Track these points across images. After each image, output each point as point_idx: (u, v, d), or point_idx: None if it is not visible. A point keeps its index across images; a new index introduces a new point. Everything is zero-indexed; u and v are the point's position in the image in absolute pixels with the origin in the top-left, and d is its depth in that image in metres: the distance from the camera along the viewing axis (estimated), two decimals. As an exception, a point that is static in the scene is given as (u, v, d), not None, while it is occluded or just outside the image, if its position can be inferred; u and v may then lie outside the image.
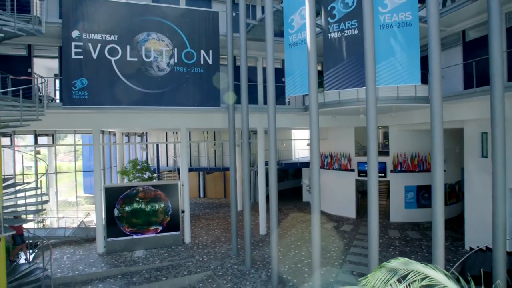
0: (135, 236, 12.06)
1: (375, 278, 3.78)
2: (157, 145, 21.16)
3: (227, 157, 20.25)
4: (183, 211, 12.73)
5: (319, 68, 13.98)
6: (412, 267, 3.69)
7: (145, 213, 12.16)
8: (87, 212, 15.71)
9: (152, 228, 12.22)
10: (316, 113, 8.16)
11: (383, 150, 15.80)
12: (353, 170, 15.86)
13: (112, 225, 11.84)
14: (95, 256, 11.51)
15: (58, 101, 12.12)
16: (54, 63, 12.00)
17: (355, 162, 15.79)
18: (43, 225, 15.03)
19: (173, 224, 12.45)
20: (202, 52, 11.74)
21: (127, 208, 12.01)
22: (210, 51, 11.82)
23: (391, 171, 14.93)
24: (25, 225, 10.10)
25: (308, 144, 17.80)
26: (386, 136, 15.53)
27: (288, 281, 9.23)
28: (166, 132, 22.43)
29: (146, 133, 22.82)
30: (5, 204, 8.50)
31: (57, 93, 12.47)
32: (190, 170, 21.04)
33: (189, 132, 21.82)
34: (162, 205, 12.35)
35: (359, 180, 15.94)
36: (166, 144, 22.47)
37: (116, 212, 11.90)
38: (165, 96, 11.33)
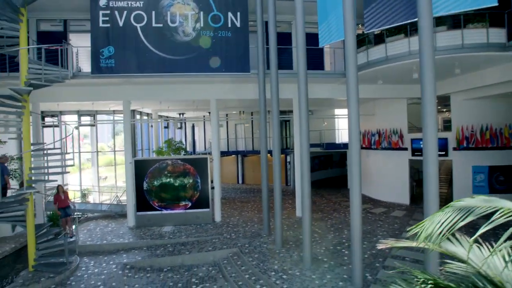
0: (164, 211, 11.66)
1: (433, 222, 2.42)
2: (193, 128, 20.95)
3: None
4: (213, 187, 12.03)
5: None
6: (498, 204, 2.25)
7: (174, 188, 11.69)
8: (124, 189, 15.90)
9: (181, 204, 11.72)
10: (354, 59, 6.66)
11: (444, 124, 13.42)
12: (405, 149, 13.73)
13: (142, 199, 11.58)
14: (125, 229, 11.35)
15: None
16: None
17: (408, 139, 13.65)
18: (86, 200, 15.60)
19: (203, 200, 11.80)
20: (230, 14, 10.82)
21: (155, 182, 11.66)
22: (238, 13, 10.85)
23: (454, 149, 12.53)
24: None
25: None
26: (447, 106, 13.07)
27: (324, 263, 7.89)
28: (204, 116, 22.18)
29: (185, 119, 22.85)
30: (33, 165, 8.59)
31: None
32: (228, 153, 20.53)
33: (226, 115, 21.32)
34: (191, 181, 11.77)
35: (414, 160, 13.75)
36: (204, 127, 22.19)
37: (145, 185, 11.62)
38: (192, 62, 10.65)
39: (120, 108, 13.39)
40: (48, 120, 15.38)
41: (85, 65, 11.38)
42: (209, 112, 18.24)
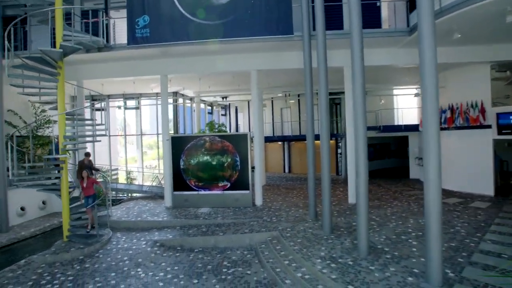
0: (201, 192, 10.90)
1: None
2: (237, 113, 20.15)
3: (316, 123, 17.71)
4: (253, 168, 10.94)
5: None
6: None
7: (211, 167, 10.86)
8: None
9: (219, 185, 10.84)
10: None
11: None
12: (489, 127, 11.09)
13: (179, 178, 10.97)
14: (161, 208, 10.85)
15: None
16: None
17: (493, 114, 10.99)
18: (131, 182, 15.74)
19: (242, 182, 10.77)
20: (270, -31, 9.57)
21: (192, 161, 10.95)
22: (279, -33, 9.54)
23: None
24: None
25: (416, 93, 13.63)
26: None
27: (385, 252, 6.24)
28: (248, 101, 21.27)
29: (229, 104, 22.21)
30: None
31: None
32: (272, 139, 19.34)
33: (271, 101, 20.13)
34: (229, 159, 10.82)
35: (500, 140, 11.06)
36: (248, 113, 21.27)
37: (181, 164, 10.99)
38: (229, 27, 9.61)
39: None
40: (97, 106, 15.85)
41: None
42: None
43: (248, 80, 11.30)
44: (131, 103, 16.55)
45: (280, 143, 20.90)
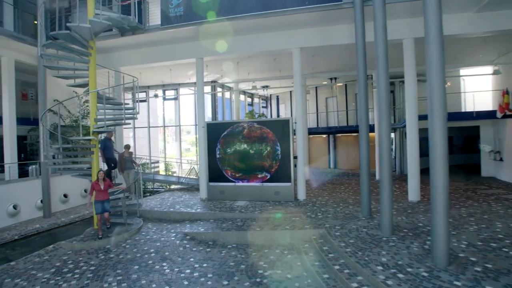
0: (238, 183, 10.01)
1: None
2: (278, 103, 19.01)
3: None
4: (295, 157, 9.76)
5: None
6: None
7: (249, 156, 9.91)
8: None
9: (258, 176, 9.84)
10: None
11: None
12: None
13: (215, 169, 10.20)
14: (196, 200, 10.18)
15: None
16: None
17: None
18: (170, 173, 15.51)
19: (283, 173, 9.65)
20: None
21: (228, 150, 10.10)
22: None
23: None
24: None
25: (496, 71, 11.28)
26: None
27: (472, 263, 4.69)
28: (290, 92, 20.03)
29: (270, 95, 21.16)
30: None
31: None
32: (317, 131, 17.89)
33: (315, 89, 18.67)
34: (269, 148, 9.76)
35: None
36: (291, 104, 20.00)
37: (217, 153, 10.20)
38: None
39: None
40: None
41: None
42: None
43: (290, 64, 10.13)
44: (170, 93, 16.32)
45: (324, 136, 19.33)
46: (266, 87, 17.11)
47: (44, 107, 10.19)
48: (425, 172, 7.04)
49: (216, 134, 10.22)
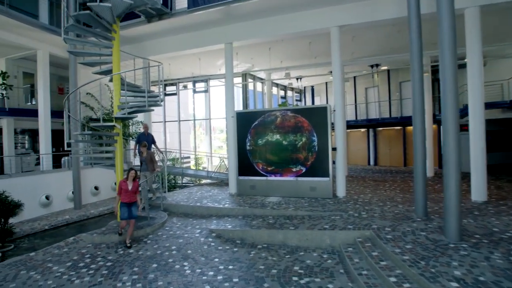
0: (270, 178, 9.17)
1: None
2: (313, 96, 17.84)
3: (409, 102, 14.35)
4: (334, 149, 8.71)
5: None
6: None
7: (282, 148, 9.02)
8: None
9: (292, 169, 8.93)
10: None
11: None
12: None
13: (245, 162, 9.46)
14: (225, 195, 9.51)
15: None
16: None
17: None
18: (201, 168, 15.11)
19: (320, 167, 8.64)
20: None
21: (260, 141, 9.30)
22: None
23: None
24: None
25: None
26: None
27: None
28: (326, 84, 18.78)
29: (304, 88, 20.03)
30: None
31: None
32: (356, 124, 16.50)
33: (354, 79, 17.26)
34: (304, 139, 8.80)
35: None
36: (326, 97, 18.75)
37: (248, 144, 9.44)
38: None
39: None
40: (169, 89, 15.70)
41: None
42: (331, 72, 14.87)
43: (327, 48, 9.09)
44: (200, 86, 15.90)
45: (363, 130, 17.86)
46: (299, 78, 16.07)
47: (74, 98, 10.12)
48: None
49: (246, 124, 9.47)
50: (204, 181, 13.54)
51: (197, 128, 18.90)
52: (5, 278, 4.88)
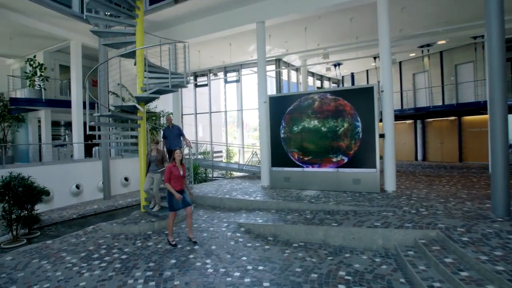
0: (307, 169, 8.19)
1: None
2: (352, 80, 16.38)
3: (467, 87, 12.54)
4: (382, 135, 7.51)
5: None
6: None
7: (321, 135, 7.99)
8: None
9: (332, 159, 7.87)
10: None
11: None
12: None
13: (278, 151, 8.57)
14: (256, 188, 8.70)
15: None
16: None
17: None
18: (233, 161, 14.49)
19: (366, 156, 7.49)
20: None
21: (295, 128, 8.34)
22: None
23: None
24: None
25: None
26: None
27: None
28: (367, 71, 17.20)
29: (342, 77, 18.59)
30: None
31: None
32: (402, 116, 14.86)
33: (399, 65, 15.58)
34: (346, 124, 7.70)
35: None
36: (367, 82, 17.15)
37: (282, 132, 8.54)
38: None
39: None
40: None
41: None
42: (375, 57, 13.43)
43: (370, 26, 7.90)
44: (231, 76, 15.27)
45: (409, 122, 16.08)
46: (338, 64, 14.79)
47: (105, 86, 9.93)
48: None
49: (280, 110, 8.57)
50: (236, 174, 12.90)
51: (229, 125, 18.39)
52: (16, 266, 4.48)
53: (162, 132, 8.74)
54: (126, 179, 11.16)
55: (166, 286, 3.68)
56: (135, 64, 7.37)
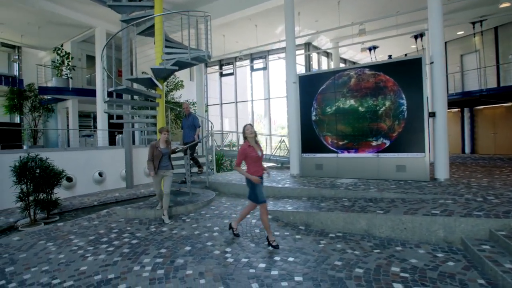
0: (342, 154, 7.29)
1: None
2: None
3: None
4: (432, 114, 6.43)
5: None
6: None
7: (358, 116, 7.04)
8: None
9: (371, 143, 6.91)
10: None
11: None
12: None
13: (309, 135, 7.73)
14: (285, 176, 7.93)
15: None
16: None
17: None
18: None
19: (411, 138, 6.46)
20: None
21: (328, 109, 7.46)
22: None
23: None
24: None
25: None
26: None
27: None
28: (406, 55, 15.70)
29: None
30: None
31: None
32: (449, 98, 13.29)
33: (445, 46, 13.96)
34: (389, 103, 6.70)
35: None
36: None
37: (313, 114, 7.69)
38: None
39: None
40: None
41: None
42: (420, 35, 12.08)
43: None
44: (258, 63, 14.56)
45: (455, 111, 14.46)
46: (374, 48, 13.55)
47: (128, 69, 9.64)
48: None
49: (311, 90, 7.72)
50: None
51: (256, 122, 17.75)
52: (21, 247, 4.10)
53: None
54: (149, 168, 10.86)
55: (176, 275, 3.05)
56: (155, 43, 6.90)
